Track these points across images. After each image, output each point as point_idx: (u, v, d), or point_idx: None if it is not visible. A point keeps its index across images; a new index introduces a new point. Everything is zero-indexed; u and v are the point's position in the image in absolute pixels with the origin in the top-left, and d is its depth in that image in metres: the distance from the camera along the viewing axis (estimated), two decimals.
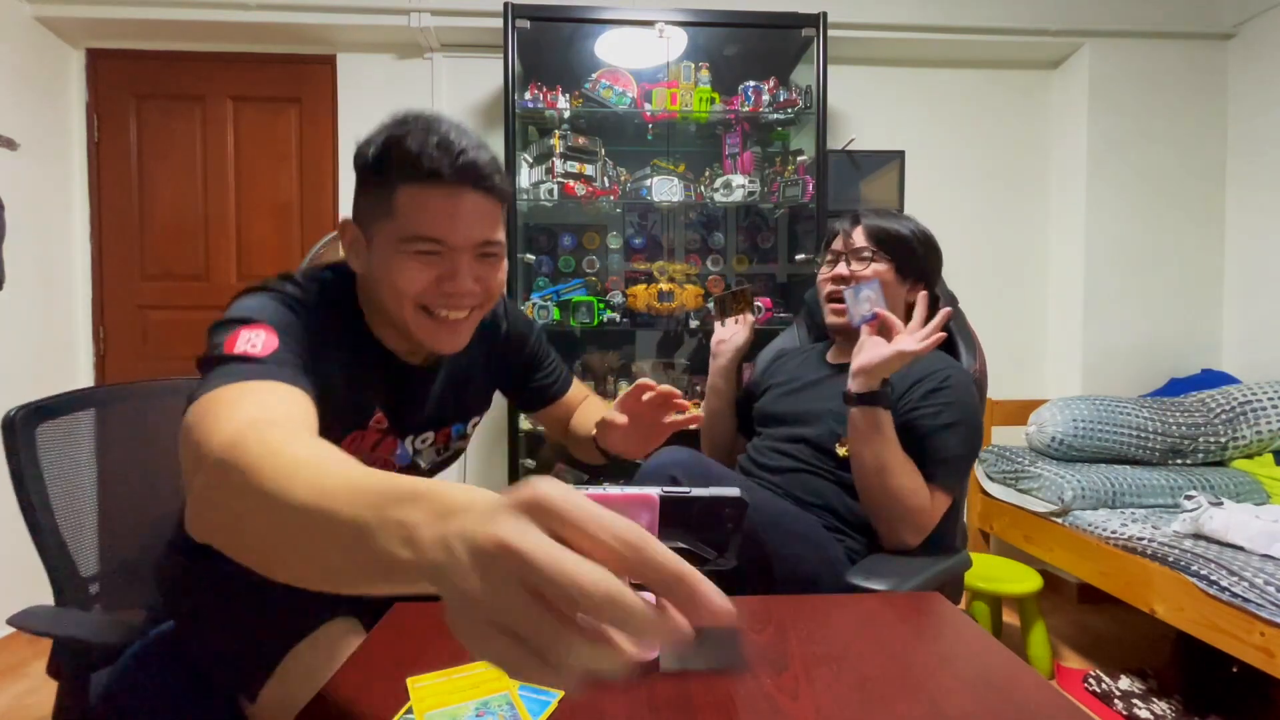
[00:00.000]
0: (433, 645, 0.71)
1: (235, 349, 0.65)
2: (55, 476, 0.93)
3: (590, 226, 2.42)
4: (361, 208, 0.78)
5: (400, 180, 0.73)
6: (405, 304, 0.77)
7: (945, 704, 0.58)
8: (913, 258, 1.17)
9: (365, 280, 0.81)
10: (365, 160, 0.75)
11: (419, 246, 0.75)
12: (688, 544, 0.68)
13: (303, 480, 0.41)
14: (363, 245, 0.78)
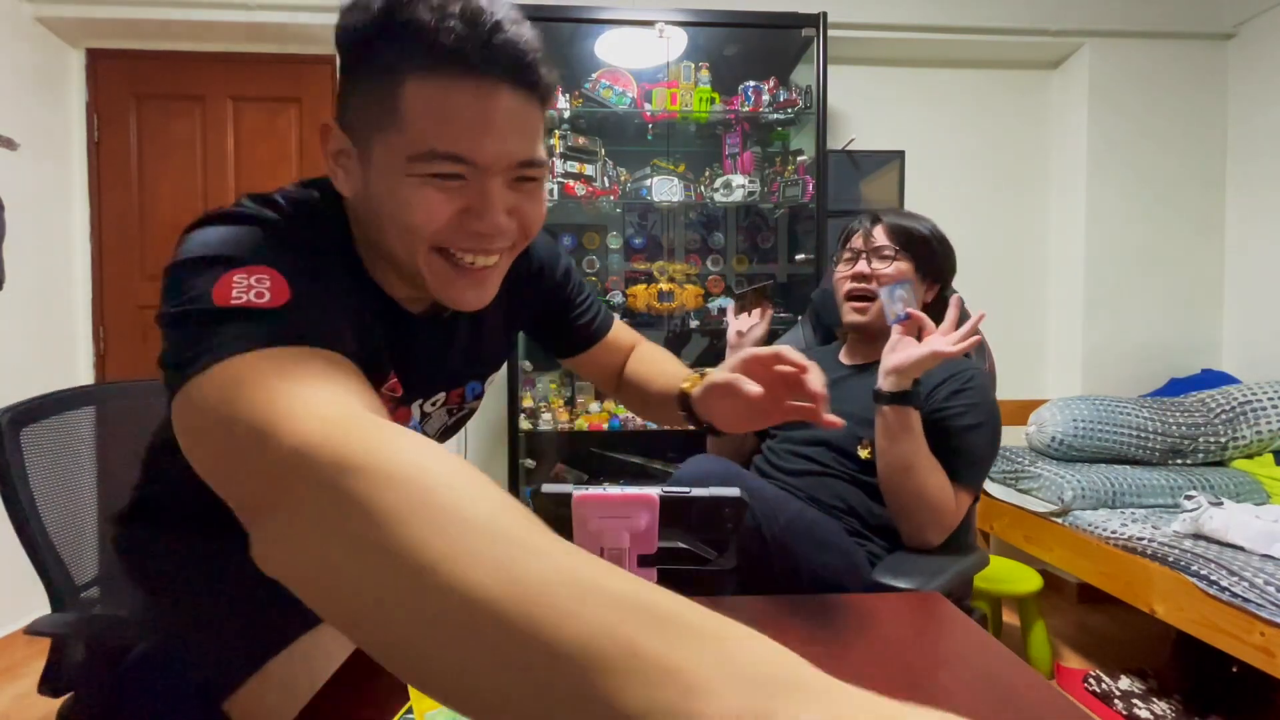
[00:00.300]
0: None
1: (232, 300, 0.44)
2: (43, 481, 0.92)
3: (590, 226, 2.42)
4: (352, 108, 0.56)
5: (409, 70, 0.51)
6: (418, 246, 0.56)
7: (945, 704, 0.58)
8: (932, 257, 1.18)
9: (359, 208, 0.58)
10: (354, 33, 0.52)
11: (437, 168, 0.52)
12: (688, 544, 0.68)
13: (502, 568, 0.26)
14: (353, 161, 0.56)
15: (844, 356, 1.28)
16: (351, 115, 0.56)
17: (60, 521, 0.93)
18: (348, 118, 0.57)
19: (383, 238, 0.57)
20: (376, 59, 0.52)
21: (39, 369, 2.24)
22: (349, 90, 0.57)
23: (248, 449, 0.37)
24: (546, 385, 2.32)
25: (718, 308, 2.23)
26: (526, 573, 0.25)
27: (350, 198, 0.58)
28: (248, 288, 0.45)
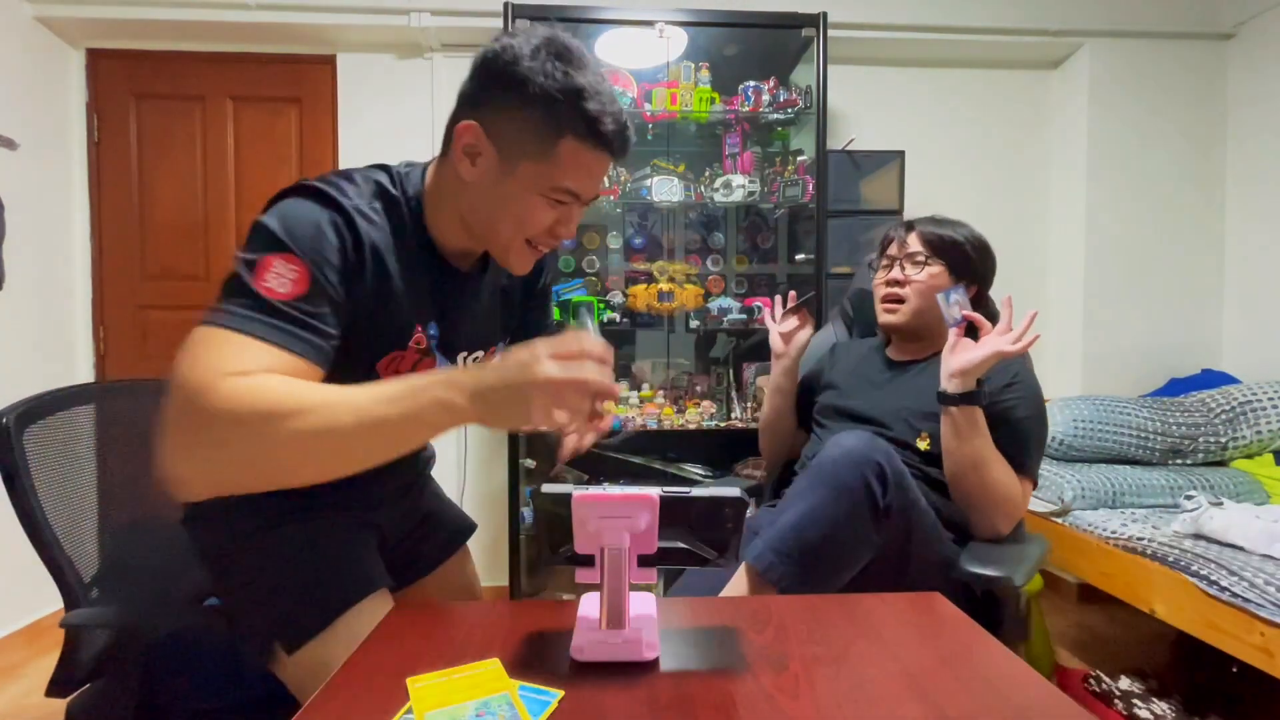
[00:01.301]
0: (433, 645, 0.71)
1: (262, 283, 0.65)
2: (45, 479, 0.93)
3: (590, 226, 2.42)
4: (508, 131, 0.74)
5: (571, 131, 0.72)
6: (519, 236, 0.79)
7: (945, 704, 0.58)
8: (966, 261, 1.23)
9: (463, 189, 0.78)
10: (541, 86, 0.71)
11: (559, 197, 0.76)
12: (688, 544, 0.68)
13: (356, 402, 0.61)
14: (489, 162, 0.75)
15: (891, 354, 1.33)
16: (504, 135, 0.75)
17: (63, 520, 0.94)
18: (500, 134, 0.75)
19: (490, 223, 0.79)
20: (550, 110, 0.72)
21: (39, 369, 2.24)
22: (509, 116, 0.74)
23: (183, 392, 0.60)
24: None
25: (718, 308, 2.23)
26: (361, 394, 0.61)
27: (471, 181, 0.77)
28: (276, 276, 0.66)
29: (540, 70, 0.71)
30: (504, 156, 0.75)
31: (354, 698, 0.60)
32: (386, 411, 0.61)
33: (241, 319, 0.63)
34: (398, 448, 0.64)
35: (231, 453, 0.60)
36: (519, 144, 0.74)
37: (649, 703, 0.58)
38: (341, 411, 0.60)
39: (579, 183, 0.76)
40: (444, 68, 2.45)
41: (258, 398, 0.59)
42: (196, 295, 2.48)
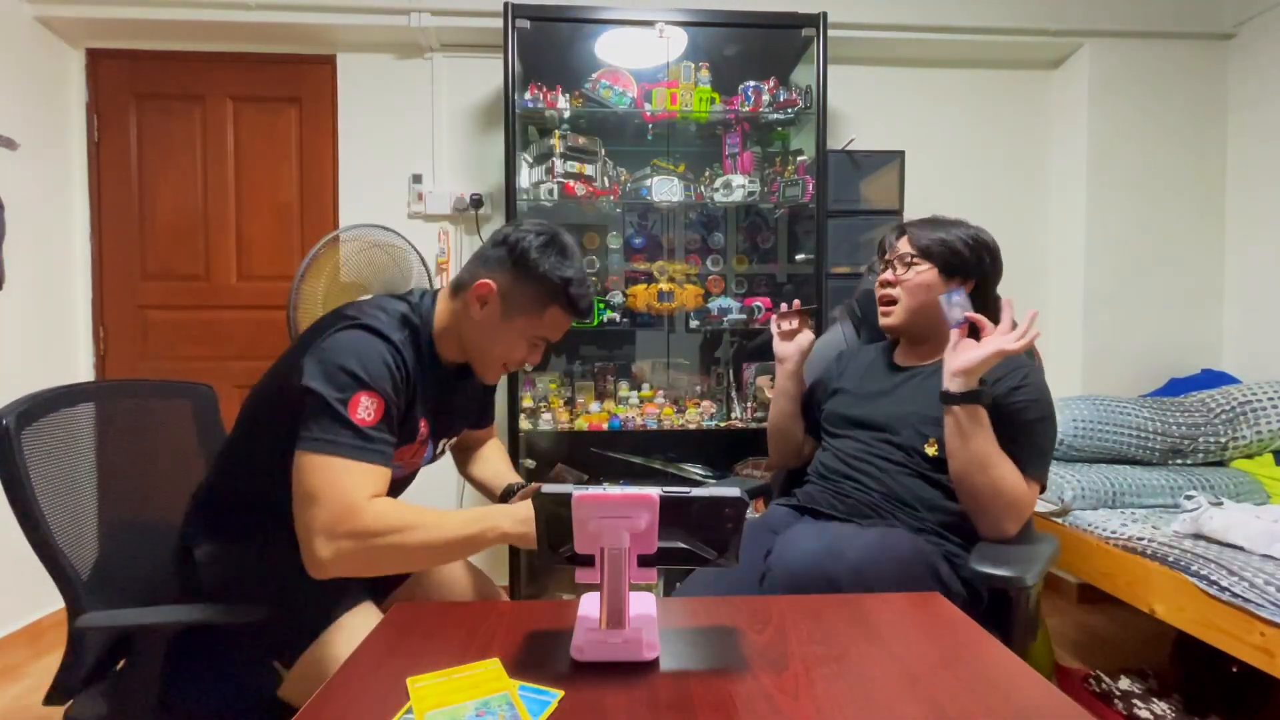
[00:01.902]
0: (433, 645, 0.71)
1: (356, 416, 0.87)
2: (44, 480, 0.92)
3: (590, 226, 2.42)
4: (511, 293, 1.01)
5: (556, 304, 1.02)
6: (501, 364, 1.06)
7: (945, 704, 0.58)
8: (958, 260, 1.23)
9: (468, 323, 1.03)
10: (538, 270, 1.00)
11: (538, 341, 1.06)
12: (688, 544, 0.68)
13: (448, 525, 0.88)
14: (496, 311, 1.02)
15: (898, 359, 1.33)
16: (510, 295, 1.01)
17: (63, 519, 0.94)
18: (506, 294, 1.01)
19: (482, 349, 1.05)
20: (547, 290, 1.01)
21: (39, 368, 2.24)
22: (515, 283, 1.01)
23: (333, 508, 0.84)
24: (546, 385, 2.32)
25: (718, 308, 2.23)
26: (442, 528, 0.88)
27: (478, 320, 1.02)
28: (364, 408, 0.88)
29: (545, 262, 1.00)
30: (506, 309, 1.01)
31: (354, 698, 0.60)
32: (469, 531, 0.88)
33: (352, 449, 0.86)
34: (467, 554, 0.92)
35: (369, 556, 0.85)
36: (519, 304, 1.01)
37: (649, 703, 0.58)
38: (446, 530, 0.88)
39: (554, 335, 1.06)
40: (444, 68, 2.45)
41: (391, 521, 0.85)
42: (196, 295, 2.48)
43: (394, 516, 0.85)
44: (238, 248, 2.48)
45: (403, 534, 0.85)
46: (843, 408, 1.32)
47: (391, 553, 0.85)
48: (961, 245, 1.23)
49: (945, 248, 1.23)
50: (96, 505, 1.04)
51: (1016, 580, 0.96)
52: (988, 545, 1.08)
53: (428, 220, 2.47)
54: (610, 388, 2.34)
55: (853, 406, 1.31)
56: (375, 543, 0.84)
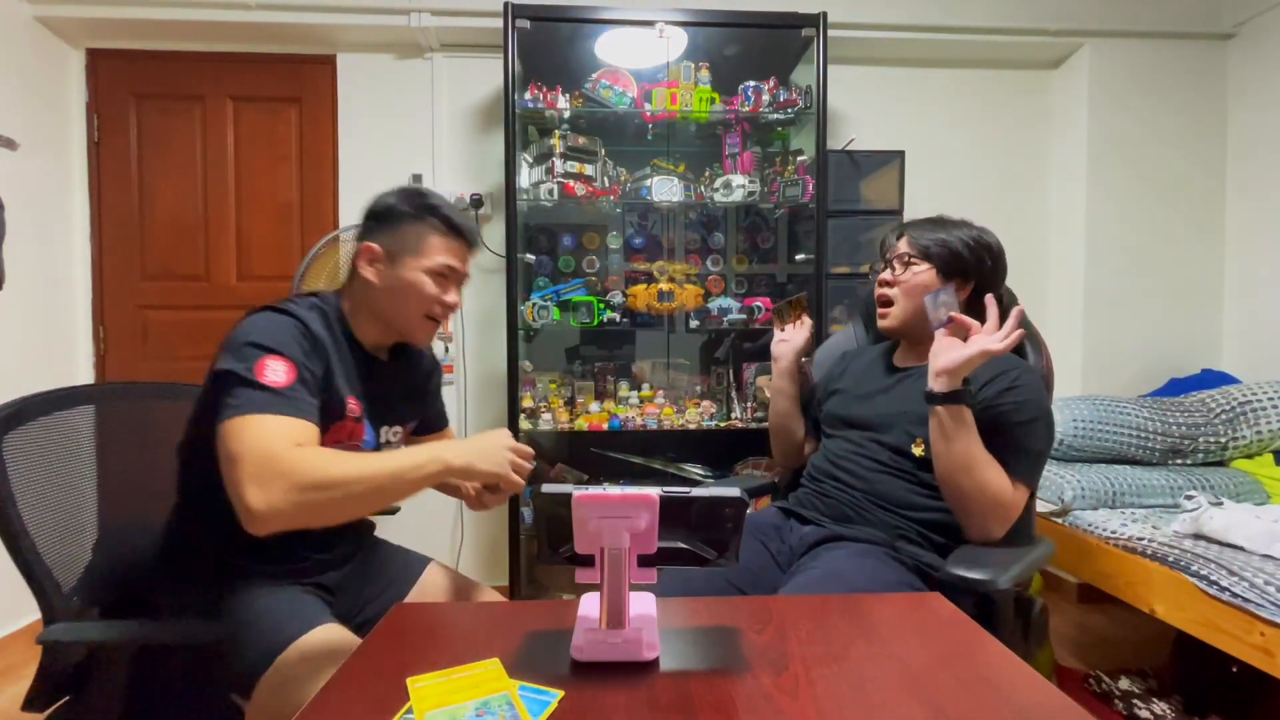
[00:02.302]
0: (433, 645, 0.71)
1: (264, 378, 0.87)
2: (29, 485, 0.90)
3: (590, 226, 2.42)
4: (391, 242, 1.04)
5: (430, 230, 1.04)
6: (419, 310, 1.05)
7: (945, 704, 0.58)
8: (958, 261, 1.21)
9: (371, 291, 1.05)
10: (397, 210, 1.04)
11: (440, 270, 1.05)
12: (688, 544, 0.68)
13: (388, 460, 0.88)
14: (386, 264, 1.03)
15: (897, 360, 1.32)
16: (391, 244, 1.04)
17: (48, 527, 0.92)
18: (387, 244, 1.04)
19: (396, 308, 1.05)
20: (417, 220, 1.04)
21: (39, 369, 2.24)
22: (389, 230, 1.04)
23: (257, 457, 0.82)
24: (546, 385, 2.32)
25: (718, 308, 2.23)
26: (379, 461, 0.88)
27: (377, 284, 1.04)
28: (272, 370, 0.88)
29: (404, 203, 1.05)
30: (392, 259, 1.03)
31: (354, 698, 0.60)
32: (410, 462, 0.87)
33: (267, 404, 0.85)
34: (411, 490, 0.88)
35: (305, 498, 0.81)
36: (402, 247, 1.03)
37: (649, 703, 0.58)
38: (387, 464, 0.87)
39: (451, 260, 1.05)
40: (444, 68, 2.45)
41: (320, 462, 0.83)
42: (196, 295, 2.48)
43: (323, 457, 0.84)
44: (238, 248, 2.48)
45: (336, 470, 0.82)
46: (838, 408, 1.32)
47: (329, 491, 0.82)
48: (961, 246, 1.22)
49: (945, 249, 1.22)
50: (97, 510, 1.02)
51: (987, 583, 0.93)
52: (969, 548, 1.06)
53: None
54: (610, 388, 2.34)
55: (847, 407, 1.31)
56: (307, 480, 0.81)
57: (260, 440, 0.82)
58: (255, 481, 0.80)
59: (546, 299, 2.19)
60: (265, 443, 0.82)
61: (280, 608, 0.92)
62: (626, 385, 2.33)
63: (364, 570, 1.15)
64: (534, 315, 2.15)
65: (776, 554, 1.20)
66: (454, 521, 2.49)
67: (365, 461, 0.86)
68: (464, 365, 2.49)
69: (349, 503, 0.85)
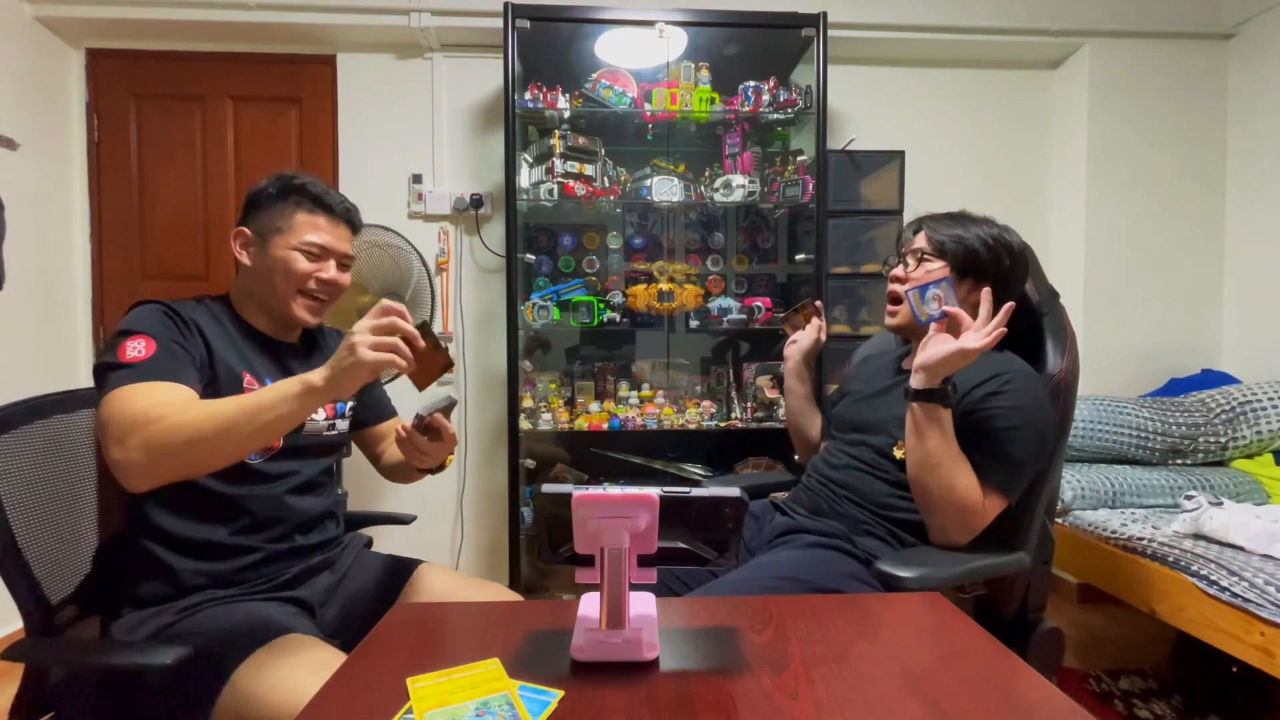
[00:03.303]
0: (433, 645, 0.71)
1: (126, 357, 0.89)
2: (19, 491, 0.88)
3: (590, 226, 2.42)
4: (259, 224, 1.06)
5: (293, 206, 1.06)
6: (291, 287, 1.05)
7: (945, 704, 0.58)
8: (974, 259, 1.16)
9: (248, 275, 1.07)
10: (265, 192, 1.06)
11: (309, 248, 1.06)
12: (688, 544, 0.68)
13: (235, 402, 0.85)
14: (257, 245, 1.06)
15: (906, 361, 1.28)
16: (259, 225, 1.06)
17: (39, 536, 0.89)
18: (256, 226, 1.06)
19: (270, 288, 1.06)
20: (282, 197, 1.06)
21: (39, 369, 2.24)
22: (259, 215, 1.07)
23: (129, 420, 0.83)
24: (546, 385, 2.32)
25: (718, 308, 2.23)
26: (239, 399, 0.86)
27: (250, 265, 1.07)
28: (133, 349, 0.90)
29: (273, 182, 1.07)
30: (261, 241, 1.05)
31: (354, 698, 0.60)
32: (260, 397, 0.84)
33: (129, 376, 0.87)
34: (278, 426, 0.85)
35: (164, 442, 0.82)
36: (269, 228, 1.05)
37: (649, 703, 0.58)
38: (246, 397, 0.85)
39: (317, 235, 1.06)
40: (444, 68, 2.45)
41: (169, 411, 0.83)
42: (196, 295, 2.47)
43: (178, 406, 0.84)
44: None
45: (191, 414, 0.83)
46: (843, 410, 1.32)
47: (188, 431, 0.81)
48: (979, 244, 1.16)
49: (961, 245, 1.16)
50: (97, 517, 1.01)
51: (910, 581, 0.91)
52: (920, 549, 1.05)
53: (428, 220, 2.47)
54: (610, 388, 2.34)
55: (849, 409, 1.30)
56: (163, 425, 0.81)
57: (121, 405, 0.83)
58: (115, 441, 0.82)
59: (546, 299, 2.19)
60: (125, 406, 0.83)
61: (237, 623, 0.89)
62: (626, 385, 2.33)
63: (348, 581, 1.12)
64: (533, 315, 2.15)
65: (748, 541, 1.21)
66: (454, 522, 2.49)
67: (224, 401, 0.85)
68: (464, 365, 2.49)
69: (211, 442, 0.83)
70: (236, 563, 0.98)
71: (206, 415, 0.83)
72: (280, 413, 0.84)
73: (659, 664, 0.65)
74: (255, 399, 0.84)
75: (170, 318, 0.96)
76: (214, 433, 0.82)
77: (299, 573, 1.04)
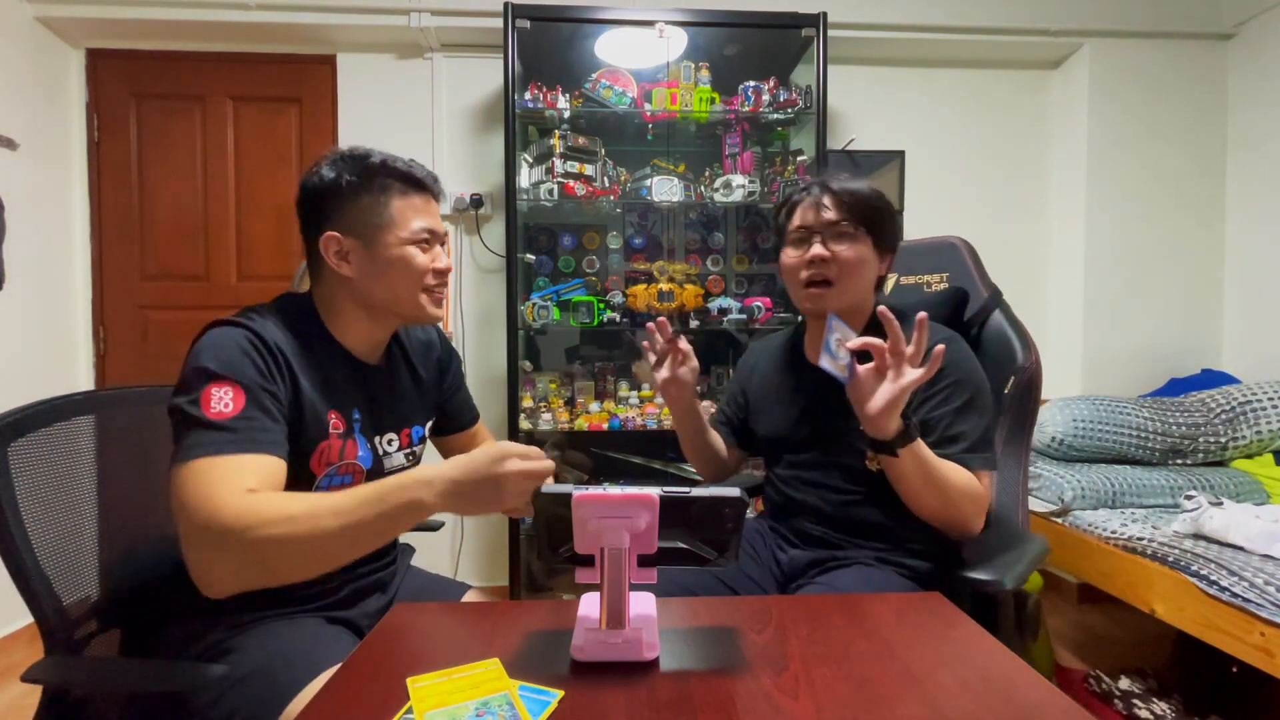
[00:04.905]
0: (433, 645, 0.71)
1: (210, 411, 0.77)
2: (33, 499, 0.83)
3: (590, 226, 2.42)
4: (349, 222, 0.91)
5: (389, 191, 0.92)
6: (415, 288, 0.93)
7: (945, 704, 0.58)
8: (888, 227, 1.07)
9: (350, 285, 0.93)
10: (342, 183, 0.90)
11: (423, 240, 0.93)
12: (688, 544, 0.68)
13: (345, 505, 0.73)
14: (360, 251, 0.91)
15: (811, 353, 1.16)
16: (353, 226, 0.91)
17: (53, 544, 0.85)
18: (349, 227, 0.90)
19: (391, 294, 0.93)
20: (365, 189, 0.91)
21: (39, 369, 2.24)
22: (341, 211, 0.91)
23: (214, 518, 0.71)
24: (546, 385, 2.32)
25: (718, 308, 2.23)
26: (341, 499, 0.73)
27: (355, 276, 0.91)
28: (218, 400, 0.77)
29: (342, 172, 0.90)
30: (362, 240, 0.91)
31: (354, 698, 0.60)
32: (364, 513, 0.72)
33: (213, 445, 0.75)
34: (374, 543, 0.76)
35: (248, 557, 0.71)
36: (367, 223, 0.91)
37: (649, 703, 0.58)
38: (342, 512, 0.72)
39: (425, 219, 0.94)
40: (444, 68, 2.45)
41: (265, 512, 0.71)
42: (196, 295, 2.48)
43: (270, 506, 0.72)
44: (238, 248, 2.48)
45: (283, 525, 0.70)
46: (771, 430, 1.18)
47: (275, 549, 0.70)
48: (885, 210, 1.06)
49: (876, 213, 1.05)
50: (98, 525, 0.97)
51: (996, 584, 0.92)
52: (966, 548, 1.04)
53: None
54: (610, 388, 2.34)
55: (775, 430, 1.17)
56: (249, 538, 0.69)
57: (203, 490, 0.72)
58: (194, 543, 0.72)
59: (546, 299, 2.19)
60: (208, 492, 0.72)
61: (291, 648, 0.81)
62: (626, 385, 2.33)
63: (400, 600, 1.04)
64: (534, 315, 2.15)
65: (767, 563, 1.15)
66: (454, 522, 2.49)
67: (321, 512, 0.72)
68: (464, 366, 2.49)
69: (298, 561, 0.73)
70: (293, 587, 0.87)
71: (303, 538, 0.71)
72: (381, 535, 0.75)
73: (659, 664, 0.65)
74: (364, 512, 0.72)
75: (257, 349, 0.83)
76: (306, 559, 0.73)
77: (350, 592, 0.96)
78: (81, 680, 0.84)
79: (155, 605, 0.91)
